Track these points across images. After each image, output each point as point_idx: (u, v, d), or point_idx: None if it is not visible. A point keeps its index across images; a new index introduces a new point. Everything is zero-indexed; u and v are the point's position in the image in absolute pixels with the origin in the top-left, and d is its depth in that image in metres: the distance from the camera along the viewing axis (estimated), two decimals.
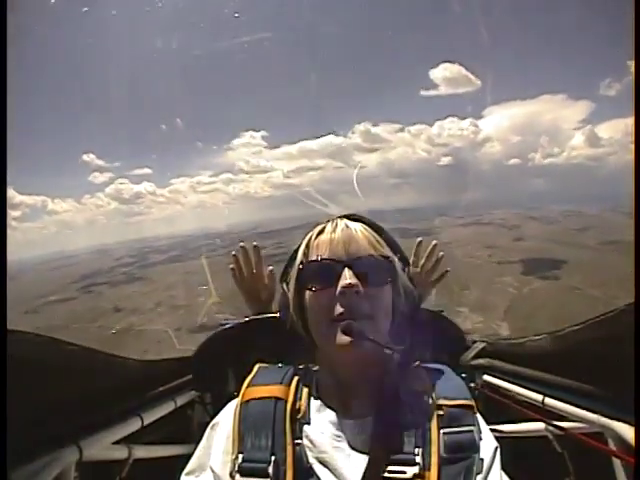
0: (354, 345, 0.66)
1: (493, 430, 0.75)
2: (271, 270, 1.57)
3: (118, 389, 1.06)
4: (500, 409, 1.18)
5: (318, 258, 0.74)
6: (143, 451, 1.12)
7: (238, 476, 0.66)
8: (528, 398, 1.09)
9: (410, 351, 0.76)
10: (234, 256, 1.57)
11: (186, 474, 0.75)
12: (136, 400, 1.14)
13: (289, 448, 0.67)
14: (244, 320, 1.42)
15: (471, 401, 0.72)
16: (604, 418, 0.81)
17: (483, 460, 0.66)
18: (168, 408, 1.27)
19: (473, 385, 1.35)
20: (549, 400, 1.00)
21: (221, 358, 1.42)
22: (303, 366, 0.84)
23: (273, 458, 0.66)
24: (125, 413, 1.06)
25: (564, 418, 0.96)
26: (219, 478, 0.69)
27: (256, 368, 0.83)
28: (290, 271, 0.80)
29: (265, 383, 0.76)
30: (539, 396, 1.03)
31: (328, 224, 0.79)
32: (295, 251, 0.80)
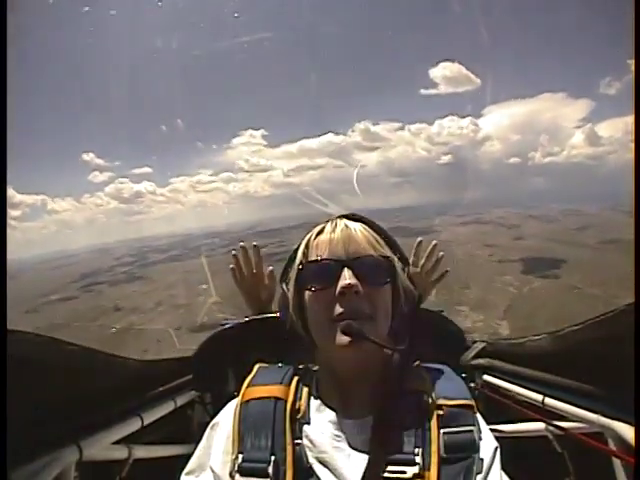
0: (354, 345, 0.66)
1: (493, 430, 0.75)
2: (271, 270, 1.57)
3: (118, 389, 1.06)
4: (500, 409, 1.18)
5: (318, 258, 0.74)
6: (143, 451, 1.12)
7: (238, 476, 0.66)
8: (528, 398, 1.09)
9: (410, 351, 0.76)
10: (234, 256, 1.58)
11: (186, 474, 0.75)
12: (136, 400, 1.14)
13: (289, 448, 0.67)
14: (244, 320, 1.42)
15: (471, 401, 0.72)
16: (604, 418, 0.81)
17: (483, 460, 0.66)
18: (168, 408, 1.27)
19: (473, 385, 1.35)
20: (549, 400, 1.00)
21: (221, 358, 1.42)
22: (303, 366, 0.84)
23: (273, 458, 0.66)
24: (125, 413, 1.06)
25: (564, 418, 0.96)
26: (219, 478, 0.69)
27: (256, 368, 0.83)
28: (290, 271, 0.80)
29: (265, 383, 0.76)
30: (539, 396, 1.03)
31: (328, 224, 0.78)
32: (295, 251, 0.80)
